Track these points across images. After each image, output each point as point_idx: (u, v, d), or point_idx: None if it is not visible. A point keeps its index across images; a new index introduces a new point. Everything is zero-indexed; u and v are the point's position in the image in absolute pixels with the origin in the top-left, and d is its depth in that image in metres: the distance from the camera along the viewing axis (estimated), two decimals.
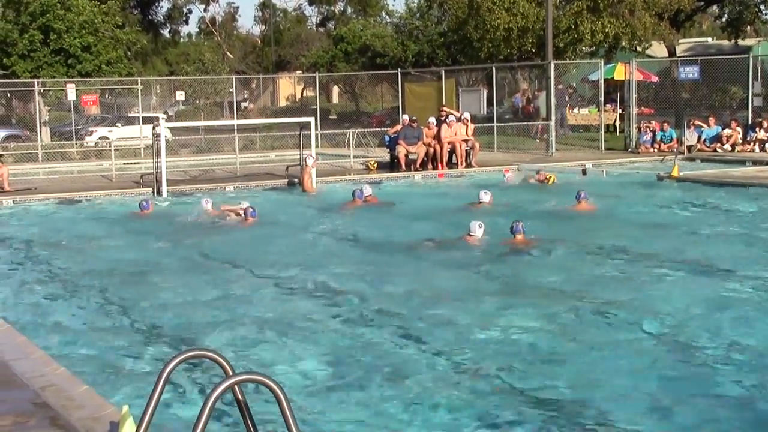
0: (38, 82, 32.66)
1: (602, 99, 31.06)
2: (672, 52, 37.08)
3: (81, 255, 13.56)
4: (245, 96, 60.39)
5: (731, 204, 16.84)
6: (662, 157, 25.10)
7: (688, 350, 7.94)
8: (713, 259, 11.74)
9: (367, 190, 18.11)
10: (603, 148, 28.51)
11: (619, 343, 8.18)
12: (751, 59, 28.09)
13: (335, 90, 60.56)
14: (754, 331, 8.44)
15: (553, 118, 29.03)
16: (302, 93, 61.49)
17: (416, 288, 10.58)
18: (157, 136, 20.81)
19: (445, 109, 25.37)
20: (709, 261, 11.66)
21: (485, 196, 16.73)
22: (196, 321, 9.31)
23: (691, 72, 29.49)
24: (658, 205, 17.09)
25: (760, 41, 42.68)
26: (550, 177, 20.24)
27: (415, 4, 45.18)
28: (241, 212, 16.04)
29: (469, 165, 23.88)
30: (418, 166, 23.46)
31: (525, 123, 32.59)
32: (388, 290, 10.54)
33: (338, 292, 10.51)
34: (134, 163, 26.75)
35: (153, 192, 20.04)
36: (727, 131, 26.23)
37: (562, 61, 31.37)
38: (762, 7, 38.51)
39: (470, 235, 13.18)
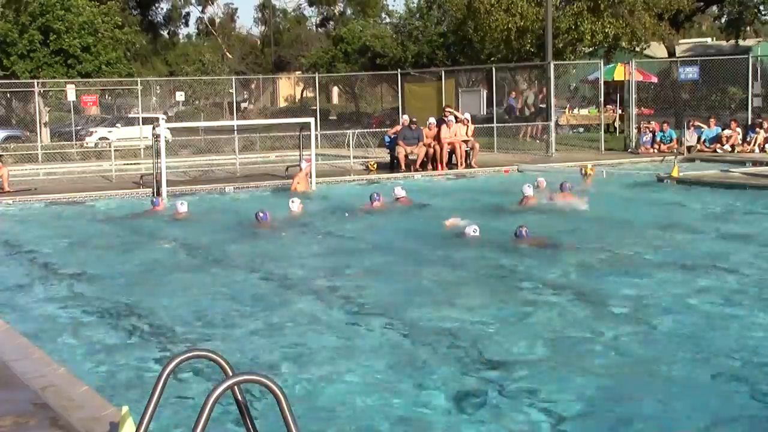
0: (38, 82, 32.68)
1: (602, 100, 31.07)
2: (671, 53, 37.10)
3: (82, 255, 13.58)
4: (245, 96, 60.36)
5: (730, 204, 16.86)
6: (662, 158, 25.11)
7: (686, 351, 7.95)
8: (713, 259, 11.75)
9: (400, 192, 17.70)
10: (603, 149, 28.53)
11: (613, 340, 8.21)
12: (750, 60, 28.09)
13: (335, 90, 60.55)
14: (753, 331, 8.45)
15: (553, 118, 29.04)
16: (302, 93, 61.47)
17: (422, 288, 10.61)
18: (156, 136, 20.80)
19: (448, 109, 25.37)
20: (709, 261, 11.67)
21: (528, 190, 16.91)
22: (198, 321, 9.32)
23: (690, 72, 29.49)
24: (658, 206, 17.09)
25: (759, 41, 42.67)
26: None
27: (415, 5, 45.20)
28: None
29: (468, 165, 23.89)
30: (417, 166, 23.47)
31: (514, 124, 32.58)
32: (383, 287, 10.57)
33: (345, 293, 10.52)
34: (134, 164, 26.76)
35: (153, 193, 20.03)
36: (726, 132, 26.25)
37: (562, 62, 31.38)
38: (761, 7, 38.52)
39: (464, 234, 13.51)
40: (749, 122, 27.12)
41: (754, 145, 25.71)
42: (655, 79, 36.26)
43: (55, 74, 34.90)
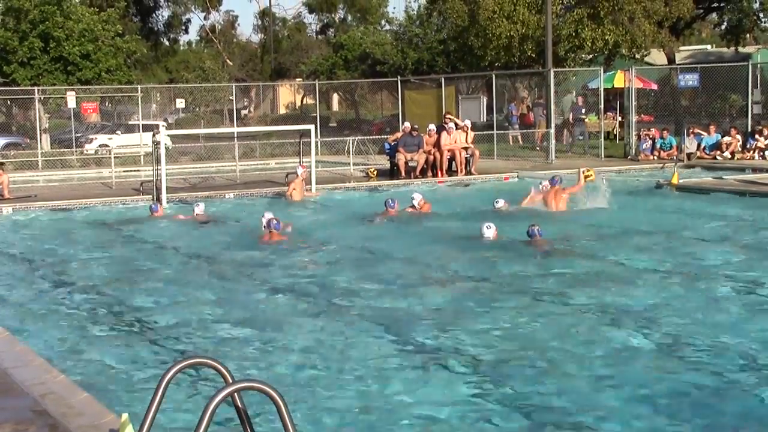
0: (38, 89, 32.70)
1: (602, 107, 31.11)
2: (671, 60, 37.16)
3: (82, 262, 13.57)
4: (245, 104, 60.37)
5: (730, 211, 16.85)
6: (662, 165, 25.12)
7: (684, 355, 7.94)
8: (711, 266, 11.76)
9: (418, 197, 17.30)
10: (603, 156, 28.53)
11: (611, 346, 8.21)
12: (750, 67, 28.11)
13: (335, 98, 60.57)
14: (750, 336, 8.45)
15: (553, 125, 29.06)
16: (302, 101, 61.48)
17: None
18: (157, 143, 20.81)
19: (449, 116, 25.39)
20: (708, 267, 11.67)
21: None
22: (201, 328, 9.31)
23: (690, 79, 29.53)
24: (658, 213, 17.09)
25: (759, 49, 42.71)
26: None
27: (415, 12, 45.27)
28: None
29: (468, 172, 23.89)
30: (417, 173, 23.46)
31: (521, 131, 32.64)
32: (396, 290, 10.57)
33: (358, 304, 10.50)
34: (134, 171, 26.77)
35: (153, 199, 20.03)
36: (726, 139, 26.27)
37: (562, 69, 31.42)
38: (761, 15, 38.56)
39: (483, 237, 13.67)
40: (749, 129, 27.14)
41: (753, 152, 25.72)
42: (655, 86, 36.31)
43: (55, 81, 34.95)
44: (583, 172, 18.24)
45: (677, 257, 12.50)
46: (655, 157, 26.92)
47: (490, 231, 13.67)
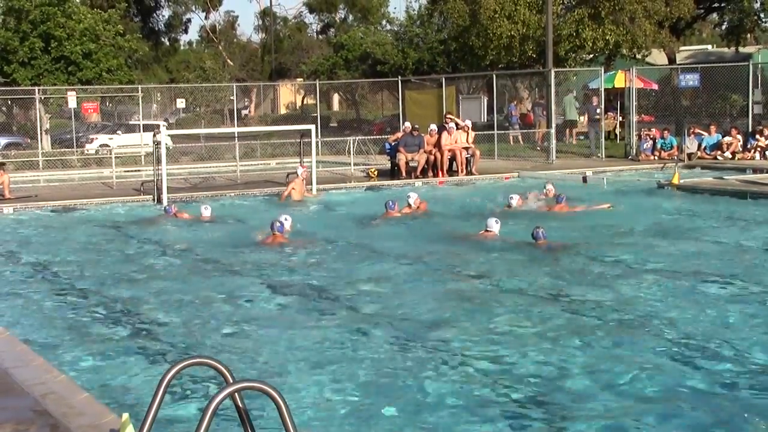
0: (39, 89, 32.72)
1: (603, 107, 31.11)
2: (672, 60, 37.17)
3: (83, 261, 13.57)
4: (245, 104, 60.37)
5: (731, 211, 16.85)
6: (662, 165, 25.12)
7: (684, 357, 7.95)
8: (711, 266, 11.75)
9: (414, 196, 17.20)
10: (603, 156, 28.54)
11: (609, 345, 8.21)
12: (750, 67, 28.10)
13: (335, 98, 60.57)
14: (749, 337, 8.45)
15: (554, 125, 29.07)
16: (302, 101, 61.47)
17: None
18: (157, 143, 20.81)
19: (449, 116, 25.40)
20: (708, 268, 11.67)
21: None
22: (205, 328, 9.32)
23: (691, 80, 29.53)
24: (658, 213, 17.08)
25: (760, 49, 42.71)
26: None
27: (416, 12, 45.29)
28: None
29: (469, 172, 23.90)
30: (418, 173, 23.48)
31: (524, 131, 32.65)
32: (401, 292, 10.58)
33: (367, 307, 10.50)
34: (135, 171, 26.79)
35: (153, 200, 20.04)
36: (727, 139, 26.27)
37: (562, 69, 31.43)
38: (762, 15, 38.56)
39: (488, 231, 13.74)
40: (750, 129, 27.14)
41: (754, 152, 25.72)
42: (655, 86, 36.31)
43: (56, 81, 34.98)
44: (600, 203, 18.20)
45: (679, 257, 12.50)
46: (656, 158, 26.91)
47: (497, 225, 13.75)
